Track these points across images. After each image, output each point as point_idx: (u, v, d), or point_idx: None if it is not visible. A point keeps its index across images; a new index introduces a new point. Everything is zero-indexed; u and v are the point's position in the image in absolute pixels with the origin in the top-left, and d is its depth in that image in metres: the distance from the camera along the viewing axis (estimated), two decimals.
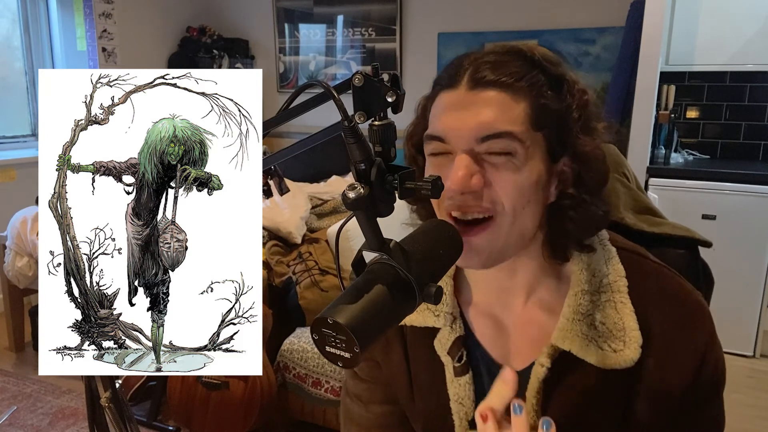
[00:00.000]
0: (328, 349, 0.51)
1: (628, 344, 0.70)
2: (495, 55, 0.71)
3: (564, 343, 0.72)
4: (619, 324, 0.72)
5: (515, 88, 0.68)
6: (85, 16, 3.63)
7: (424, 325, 0.80)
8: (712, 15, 2.89)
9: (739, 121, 3.22)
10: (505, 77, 0.68)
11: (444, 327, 0.79)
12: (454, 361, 0.78)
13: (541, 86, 0.69)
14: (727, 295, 2.79)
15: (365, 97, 0.55)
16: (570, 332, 0.72)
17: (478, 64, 0.70)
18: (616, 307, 0.72)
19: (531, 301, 0.77)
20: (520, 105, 0.68)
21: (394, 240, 0.56)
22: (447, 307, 0.79)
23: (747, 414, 2.39)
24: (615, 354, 0.70)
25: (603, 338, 0.71)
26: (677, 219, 0.93)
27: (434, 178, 0.54)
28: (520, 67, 0.70)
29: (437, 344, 0.79)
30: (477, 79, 0.69)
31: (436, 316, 0.79)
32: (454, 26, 3.78)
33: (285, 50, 4.33)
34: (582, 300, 0.73)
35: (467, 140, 0.68)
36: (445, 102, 0.71)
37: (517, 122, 0.67)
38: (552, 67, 0.71)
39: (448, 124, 0.69)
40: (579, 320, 0.72)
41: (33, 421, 2.30)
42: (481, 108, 0.68)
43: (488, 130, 0.67)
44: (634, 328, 0.71)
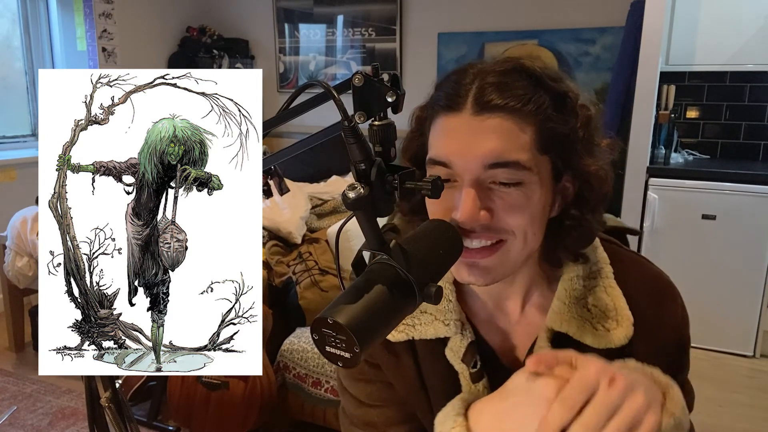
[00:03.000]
0: (328, 349, 0.51)
1: (621, 322, 0.74)
2: (498, 75, 0.68)
3: (561, 325, 0.75)
4: (611, 305, 0.75)
5: (523, 113, 0.66)
6: (85, 16, 3.63)
7: (435, 336, 0.78)
8: (712, 15, 2.89)
9: (739, 121, 3.22)
10: (512, 101, 0.66)
11: (455, 335, 0.78)
12: (469, 367, 0.77)
13: (547, 108, 0.68)
14: (727, 295, 2.80)
15: (365, 97, 0.55)
16: (566, 315, 0.75)
17: (482, 85, 0.67)
18: (606, 290, 0.76)
19: (528, 306, 0.79)
20: (527, 131, 0.66)
21: (395, 240, 0.56)
22: (455, 314, 0.78)
23: (747, 414, 2.39)
24: (609, 333, 0.74)
25: (596, 319, 0.75)
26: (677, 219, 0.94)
27: (434, 178, 0.54)
28: (525, 88, 0.67)
29: (449, 353, 0.78)
30: (483, 104, 0.66)
31: (446, 326, 0.78)
32: (454, 26, 3.78)
33: (285, 50, 4.33)
34: (576, 285, 0.76)
35: (474, 168, 0.66)
36: (449, 126, 0.69)
37: (524, 150, 0.66)
38: (555, 84, 0.69)
39: (453, 150, 0.67)
40: (573, 303, 0.75)
41: (33, 421, 2.30)
42: (488, 136, 0.66)
43: (495, 159, 0.65)
44: (624, 307, 0.75)
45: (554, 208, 0.72)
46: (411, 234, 0.61)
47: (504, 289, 0.78)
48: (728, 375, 2.69)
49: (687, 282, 1.32)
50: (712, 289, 2.78)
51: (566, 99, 0.70)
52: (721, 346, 2.85)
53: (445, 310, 0.79)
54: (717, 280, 2.78)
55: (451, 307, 0.79)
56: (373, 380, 0.84)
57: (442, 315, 0.78)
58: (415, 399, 0.83)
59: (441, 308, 0.78)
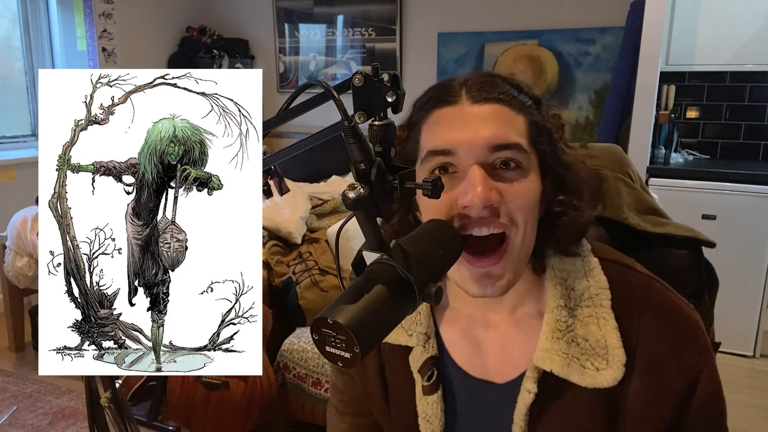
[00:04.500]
0: (328, 349, 0.51)
1: (611, 363, 0.68)
2: (483, 78, 0.72)
3: (545, 363, 0.70)
4: (602, 341, 0.69)
5: (513, 104, 0.70)
6: (85, 16, 3.63)
7: (397, 343, 0.80)
8: (712, 15, 2.89)
9: (739, 121, 3.22)
10: (502, 95, 0.70)
11: (417, 346, 0.79)
12: (423, 379, 0.78)
13: (530, 106, 0.72)
14: (727, 295, 2.78)
15: (365, 97, 0.55)
16: (550, 351, 0.70)
17: (470, 84, 0.71)
18: (599, 323, 0.70)
19: (512, 319, 0.77)
20: (520, 119, 0.70)
21: (395, 240, 0.56)
22: (421, 327, 0.79)
23: (747, 414, 2.39)
24: (597, 373, 0.68)
25: (585, 356, 0.69)
26: (677, 219, 0.93)
27: (434, 179, 0.54)
28: (508, 89, 0.71)
29: (411, 360, 0.80)
30: (477, 95, 0.70)
31: (409, 336, 0.79)
32: (454, 26, 3.78)
33: (285, 50, 4.33)
34: (559, 316, 0.71)
35: (479, 151, 0.67)
36: (447, 117, 0.70)
37: (521, 134, 0.69)
38: (527, 88, 0.73)
39: (456, 137, 0.68)
40: (558, 338, 0.70)
41: (33, 421, 2.30)
42: (490, 120, 0.68)
43: (501, 140, 0.67)
44: (617, 345, 0.68)
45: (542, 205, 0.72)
46: (411, 234, 0.61)
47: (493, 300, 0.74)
48: (728, 375, 2.67)
49: None
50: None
51: (541, 103, 0.74)
52: (721, 346, 2.84)
53: (411, 321, 0.79)
54: None
55: (419, 320, 0.79)
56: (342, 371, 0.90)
57: (407, 324, 0.79)
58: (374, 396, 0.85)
59: (408, 318, 0.76)
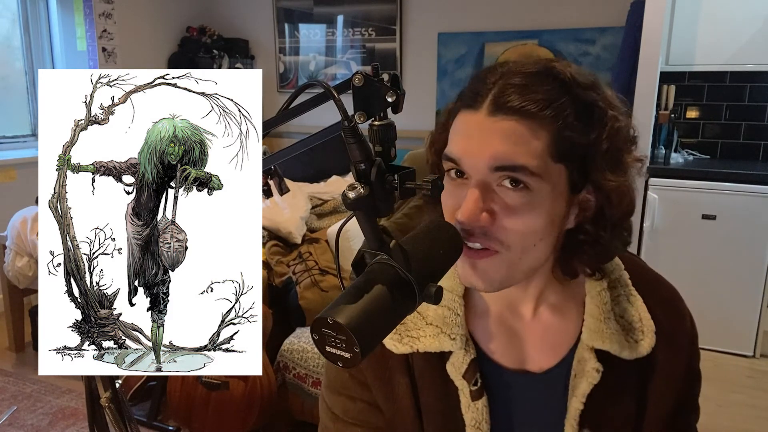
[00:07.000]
0: (328, 349, 0.51)
1: (646, 333, 0.75)
2: (523, 77, 0.66)
3: (603, 343, 0.74)
4: (636, 315, 0.76)
5: (539, 117, 0.64)
6: (85, 16, 3.63)
7: (440, 349, 0.76)
8: (712, 15, 2.89)
9: (739, 121, 3.22)
10: (530, 105, 0.64)
11: (458, 350, 0.76)
12: (470, 384, 0.76)
13: (567, 116, 0.65)
14: (727, 295, 2.80)
15: (365, 97, 0.55)
16: (605, 332, 0.74)
17: (504, 86, 0.66)
18: (629, 299, 0.77)
19: (541, 308, 0.78)
20: (541, 137, 0.65)
21: (395, 240, 0.56)
22: (461, 329, 0.77)
23: (747, 414, 2.39)
24: (638, 344, 0.75)
25: (627, 331, 0.75)
26: (677, 219, 0.94)
27: (434, 178, 0.54)
28: (548, 92, 0.65)
29: (450, 368, 0.76)
30: (500, 105, 0.65)
31: (452, 340, 0.76)
32: (454, 26, 3.77)
33: (285, 50, 4.33)
34: (605, 298, 0.76)
35: (481, 168, 0.66)
36: (464, 124, 0.69)
37: (534, 155, 0.64)
38: (583, 92, 0.67)
39: (463, 148, 0.67)
40: (608, 318, 0.75)
41: (33, 421, 2.30)
42: (497, 138, 0.65)
43: (502, 162, 0.64)
44: (647, 317, 0.76)
45: (569, 220, 0.70)
46: (411, 234, 0.61)
47: (517, 294, 0.77)
48: (728, 375, 2.69)
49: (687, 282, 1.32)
50: (712, 289, 2.78)
51: (593, 108, 0.67)
52: (721, 346, 2.84)
53: (452, 324, 0.76)
54: (717, 280, 2.78)
55: (458, 321, 0.77)
56: (355, 398, 0.81)
57: (448, 329, 0.76)
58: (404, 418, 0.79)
59: (448, 322, 0.76)
